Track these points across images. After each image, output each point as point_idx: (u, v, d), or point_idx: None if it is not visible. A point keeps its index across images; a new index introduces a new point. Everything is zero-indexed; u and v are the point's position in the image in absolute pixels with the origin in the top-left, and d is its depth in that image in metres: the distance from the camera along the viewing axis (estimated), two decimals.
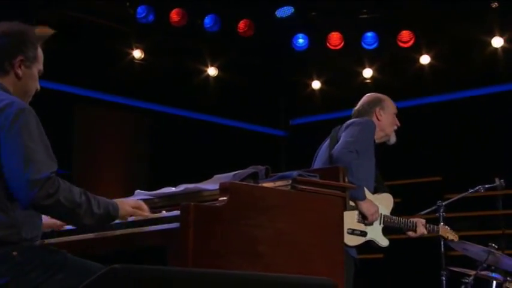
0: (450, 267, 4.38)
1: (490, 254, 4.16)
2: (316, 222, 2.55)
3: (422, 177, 7.17)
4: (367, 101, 3.88)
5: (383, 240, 3.68)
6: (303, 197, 2.53)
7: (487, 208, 5.27)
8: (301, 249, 2.45)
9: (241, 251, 2.26)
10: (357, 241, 3.55)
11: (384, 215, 3.66)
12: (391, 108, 3.86)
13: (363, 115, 3.81)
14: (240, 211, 2.29)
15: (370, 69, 7.23)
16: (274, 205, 2.42)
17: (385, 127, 3.82)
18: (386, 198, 3.73)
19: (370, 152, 3.63)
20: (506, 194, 5.16)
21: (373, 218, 3.53)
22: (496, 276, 4.25)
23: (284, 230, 2.41)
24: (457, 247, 4.48)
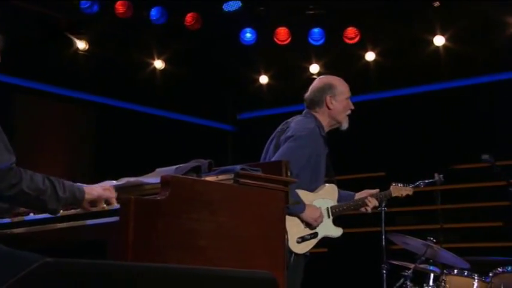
0: (390, 261, 4.48)
1: (429, 248, 4.29)
2: (258, 216, 2.57)
3: (367, 172, 7.30)
4: (318, 88, 3.76)
5: (336, 231, 3.71)
6: (245, 191, 2.54)
7: (427, 203, 5.42)
8: (243, 243, 2.47)
9: (182, 245, 2.26)
10: (310, 245, 3.58)
11: (331, 207, 3.67)
12: (343, 94, 3.73)
13: (314, 104, 3.74)
14: (181, 205, 2.29)
15: (317, 65, 7.32)
16: (216, 199, 2.43)
17: (336, 115, 3.72)
18: (330, 189, 3.72)
19: (313, 159, 3.56)
20: (445, 189, 5.34)
21: (318, 221, 3.54)
22: (434, 269, 4.38)
23: (226, 224, 2.42)
24: (398, 241, 4.59)
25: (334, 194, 3.73)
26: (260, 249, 2.52)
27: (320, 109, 3.73)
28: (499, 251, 5.54)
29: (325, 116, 3.73)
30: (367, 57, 7.08)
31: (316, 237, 3.58)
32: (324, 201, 3.65)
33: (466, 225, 6.68)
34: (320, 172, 3.66)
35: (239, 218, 2.49)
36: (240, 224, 2.48)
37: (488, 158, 4.38)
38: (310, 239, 3.55)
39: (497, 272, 3.97)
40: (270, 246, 2.58)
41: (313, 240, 3.57)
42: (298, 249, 3.48)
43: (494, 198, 6.06)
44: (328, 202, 3.67)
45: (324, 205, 3.64)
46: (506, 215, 4.38)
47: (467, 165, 6.50)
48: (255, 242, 2.51)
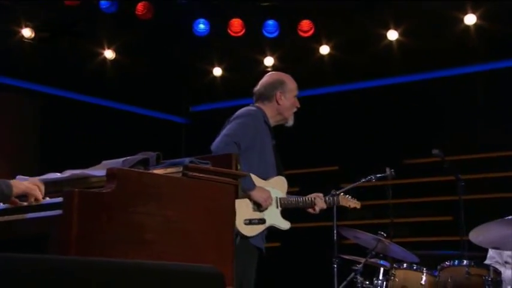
0: (341, 255, 4.54)
1: (379, 242, 4.37)
2: (207, 210, 2.57)
3: (320, 166, 7.38)
4: (268, 83, 3.88)
5: (283, 223, 3.76)
6: (194, 184, 2.54)
7: (378, 197, 5.51)
8: (191, 237, 2.47)
9: (128, 238, 2.24)
10: (256, 230, 3.60)
11: (280, 197, 3.74)
12: (292, 91, 3.87)
13: (263, 98, 3.85)
14: (127, 198, 2.27)
15: (271, 58, 7.34)
16: (163, 192, 2.41)
17: (284, 111, 3.84)
18: (280, 181, 3.79)
19: (258, 141, 3.66)
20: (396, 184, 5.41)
21: (267, 203, 3.59)
22: (384, 264, 4.47)
23: (173, 218, 2.41)
24: (349, 235, 4.66)
25: (283, 187, 3.81)
26: (208, 243, 2.52)
27: (269, 103, 3.85)
28: (448, 245, 5.69)
29: (273, 110, 3.84)
30: (322, 51, 7.14)
31: (263, 223, 3.62)
32: (273, 190, 3.71)
33: (417, 220, 6.83)
34: (268, 160, 3.73)
35: (187, 212, 2.48)
36: (188, 217, 2.48)
37: (439, 153, 4.48)
38: (257, 223, 3.59)
39: (444, 266, 4.07)
40: (219, 240, 2.59)
41: (261, 225, 3.61)
42: (245, 231, 3.52)
43: (444, 193, 6.20)
44: (277, 193, 3.74)
45: (273, 194, 3.69)
46: (455, 210, 4.48)
47: (418, 159, 6.64)
48: (203, 236, 2.51)
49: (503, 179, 5.15)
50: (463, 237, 4.28)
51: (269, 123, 3.82)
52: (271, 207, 3.67)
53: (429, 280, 4.12)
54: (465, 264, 3.98)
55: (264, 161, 3.71)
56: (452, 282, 3.97)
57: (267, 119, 3.82)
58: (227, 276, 2.47)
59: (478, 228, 3.91)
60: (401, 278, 4.21)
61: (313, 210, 3.94)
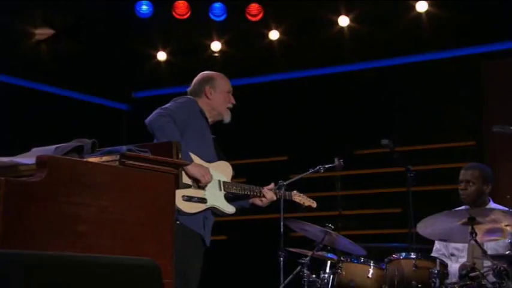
0: (288, 248, 4.59)
1: (327, 235, 4.44)
2: (145, 200, 2.55)
3: (269, 156, 7.43)
4: (198, 80, 4.01)
5: (228, 207, 3.78)
6: (131, 173, 2.51)
7: (326, 189, 5.59)
8: (128, 228, 2.44)
9: (60, 230, 2.21)
10: (196, 208, 3.61)
11: (224, 181, 3.77)
12: (222, 86, 3.98)
13: (195, 95, 3.95)
14: (59, 187, 2.23)
15: (219, 42, 7.33)
16: (99, 182, 2.38)
17: (216, 106, 3.94)
18: (223, 165, 3.84)
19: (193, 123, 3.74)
20: (345, 175, 5.53)
21: (205, 179, 3.61)
22: (331, 257, 4.54)
23: (109, 209, 2.39)
24: (296, 228, 4.72)
25: (228, 172, 3.86)
26: (146, 235, 2.51)
27: (200, 99, 3.96)
28: (397, 238, 5.82)
29: (206, 105, 3.95)
30: (271, 36, 7.17)
31: (204, 202, 3.64)
32: (215, 172, 3.74)
33: (365, 212, 6.95)
34: (207, 147, 3.74)
35: (124, 202, 2.46)
36: (124, 208, 2.45)
37: (388, 143, 4.57)
38: (197, 201, 3.60)
39: (391, 259, 4.16)
40: (158, 232, 2.57)
41: (201, 204, 3.63)
42: (183, 206, 3.53)
43: (393, 185, 6.34)
44: (220, 176, 3.77)
45: (215, 176, 3.72)
46: (404, 202, 4.58)
47: (368, 150, 6.75)
48: (141, 227, 2.49)
49: (453, 170, 5.28)
50: (411, 230, 4.38)
51: (206, 116, 3.90)
52: (213, 188, 3.69)
53: (376, 273, 4.22)
54: (412, 256, 4.08)
55: (203, 145, 3.76)
56: (399, 275, 4.07)
57: (204, 112, 3.91)
58: (166, 270, 2.47)
59: (426, 220, 4.00)
60: (348, 271, 4.29)
61: (261, 202, 3.95)
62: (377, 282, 4.20)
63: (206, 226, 3.71)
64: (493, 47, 6.51)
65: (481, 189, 4.58)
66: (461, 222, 3.92)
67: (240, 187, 3.86)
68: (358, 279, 4.25)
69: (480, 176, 4.60)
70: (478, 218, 3.87)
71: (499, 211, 3.98)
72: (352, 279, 4.26)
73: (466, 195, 4.60)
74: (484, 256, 3.88)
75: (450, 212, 4.09)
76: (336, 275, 4.32)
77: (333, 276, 4.34)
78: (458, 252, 4.58)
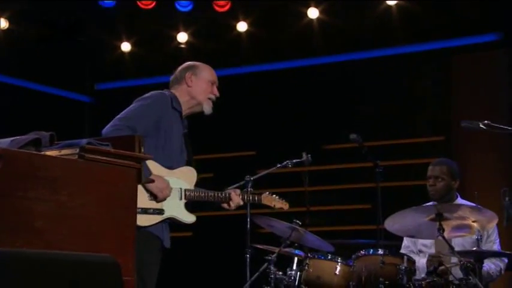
0: (255, 245, 4.60)
1: (294, 231, 4.46)
2: (105, 195, 2.54)
3: (237, 151, 7.44)
4: (181, 68, 3.89)
5: (187, 216, 3.71)
6: (91, 167, 2.50)
7: (294, 184, 5.61)
8: (87, 224, 2.43)
9: (16, 226, 2.19)
10: (152, 220, 3.55)
11: (185, 189, 3.68)
12: (205, 75, 3.86)
13: (175, 82, 3.84)
14: (14, 182, 2.21)
15: (185, 34, 7.30)
16: (57, 176, 2.36)
17: (196, 94, 3.81)
18: (187, 171, 3.74)
19: (162, 127, 3.61)
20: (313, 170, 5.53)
21: (163, 194, 3.54)
22: (299, 253, 4.57)
23: (68, 204, 2.37)
24: (263, 224, 4.73)
25: (191, 178, 3.75)
26: (107, 231, 2.49)
27: (179, 86, 3.83)
28: (366, 234, 5.88)
29: (184, 93, 3.81)
30: (239, 28, 7.17)
31: (161, 214, 3.57)
32: (178, 181, 3.66)
33: (334, 208, 7.02)
34: (174, 148, 3.68)
35: (84, 197, 2.44)
36: (84, 203, 2.44)
37: (356, 138, 4.61)
38: (153, 213, 3.54)
39: (359, 255, 4.20)
40: (118, 228, 2.56)
41: (157, 216, 3.56)
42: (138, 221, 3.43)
43: (362, 180, 6.40)
44: (182, 184, 3.68)
45: (176, 185, 3.65)
46: (374, 197, 4.63)
47: (335, 145, 6.81)
48: (101, 223, 2.48)
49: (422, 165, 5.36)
50: (379, 226, 4.43)
51: (180, 109, 3.78)
52: (172, 198, 3.61)
53: (343, 270, 4.25)
54: (380, 253, 4.13)
55: (169, 149, 3.64)
56: (366, 271, 4.11)
57: (178, 104, 3.78)
58: (126, 267, 2.47)
59: (394, 216, 4.05)
60: (316, 268, 4.32)
61: (228, 206, 3.92)
62: (344, 279, 4.23)
63: (165, 229, 3.66)
64: (462, 41, 6.61)
65: (450, 185, 4.66)
66: (429, 218, 3.98)
67: (203, 194, 3.77)
68: (325, 276, 4.28)
69: (448, 172, 4.67)
70: (445, 214, 3.94)
71: (467, 207, 4.05)
72: (319, 276, 4.29)
73: (435, 191, 4.66)
74: (451, 252, 3.94)
75: (418, 208, 4.15)
76: (302, 271, 4.35)
77: (300, 273, 4.37)
78: (426, 249, 4.65)
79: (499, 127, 3.94)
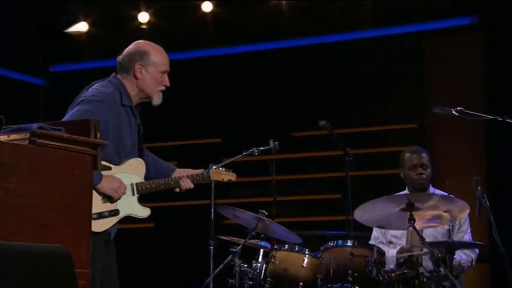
0: (219, 236, 4.61)
1: (260, 222, 4.47)
2: (59, 183, 2.52)
3: (201, 138, 7.43)
4: (130, 52, 3.73)
5: (142, 211, 3.68)
6: (43, 153, 2.49)
7: (261, 173, 5.62)
8: (39, 213, 2.42)
9: None
10: (108, 224, 3.51)
11: (136, 183, 3.65)
12: (157, 66, 3.71)
13: (123, 70, 3.70)
14: None
15: (146, 14, 7.25)
16: (5, 162, 2.35)
17: (145, 87, 3.70)
18: (136, 164, 3.69)
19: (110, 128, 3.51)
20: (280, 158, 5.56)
21: (118, 193, 3.51)
22: (265, 245, 4.59)
23: (17, 192, 2.36)
24: (228, 214, 4.74)
25: (141, 170, 3.71)
26: (60, 221, 2.48)
27: (128, 76, 3.70)
28: (336, 225, 5.92)
29: (133, 85, 3.70)
30: (204, 8, 7.13)
31: (117, 214, 3.55)
32: (127, 176, 3.62)
33: (302, 198, 7.06)
34: (124, 145, 3.61)
35: (35, 185, 2.43)
36: (35, 192, 2.43)
37: (326, 124, 4.62)
38: (109, 216, 3.51)
39: (327, 247, 4.24)
40: (73, 217, 2.55)
41: (114, 218, 3.54)
42: (94, 227, 3.37)
43: (332, 169, 6.45)
44: (133, 178, 3.64)
45: (127, 180, 3.62)
46: (344, 187, 4.67)
47: (304, 132, 6.84)
48: (53, 212, 2.47)
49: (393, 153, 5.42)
50: (349, 217, 4.46)
51: (130, 104, 3.68)
52: (126, 195, 3.59)
53: (311, 262, 4.29)
54: (349, 244, 4.17)
55: (118, 144, 3.57)
56: (335, 263, 4.15)
57: (127, 98, 3.67)
58: (80, 258, 2.46)
59: (363, 206, 4.09)
60: (282, 260, 4.35)
61: (179, 190, 3.91)
62: (312, 271, 4.27)
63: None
64: (434, 24, 6.66)
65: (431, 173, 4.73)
66: (399, 208, 4.02)
67: (154, 184, 3.73)
68: (292, 269, 4.31)
69: (430, 160, 4.75)
70: (417, 203, 3.99)
71: (438, 196, 4.11)
72: (286, 269, 4.32)
73: (425, 180, 4.70)
74: (422, 243, 4.00)
75: (388, 198, 4.19)
76: (268, 264, 4.37)
77: (266, 266, 4.39)
78: (397, 240, 4.70)
79: (472, 114, 4.00)
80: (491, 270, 6.14)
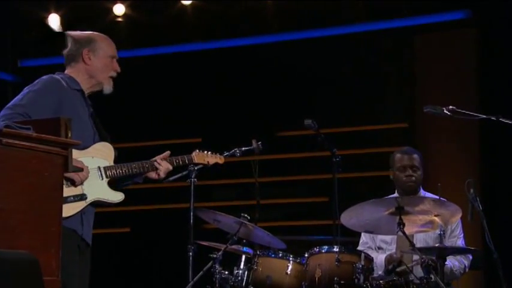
0: (199, 241, 4.60)
1: (242, 226, 4.47)
2: (27, 185, 2.52)
3: (181, 138, 7.41)
4: (75, 41, 3.80)
5: (113, 195, 3.69)
6: (10, 153, 2.48)
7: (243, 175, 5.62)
8: (5, 217, 2.41)
9: None
10: (75, 209, 3.51)
11: (105, 167, 3.67)
12: (105, 51, 3.79)
13: (71, 59, 3.78)
14: None
15: (122, 5, 7.23)
16: None
17: (95, 73, 3.76)
18: (103, 148, 3.71)
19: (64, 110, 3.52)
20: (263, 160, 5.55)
21: (81, 176, 3.52)
22: (247, 251, 4.58)
23: None
24: (208, 218, 4.73)
25: (108, 154, 3.73)
26: (27, 225, 2.47)
27: (76, 64, 3.78)
28: (322, 230, 5.94)
29: (82, 72, 3.77)
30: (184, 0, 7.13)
31: (83, 199, 3.55)
32: (93, 160, 3.64)
33: (286, 201, 7.06)
34: (85, 128, 3.65)
35: (0, 187, 2.42)
36: (1, 194, 2.42)
37: (312, 124, 4.63)
38: (74, 200, 3.51)
39: (313, 253, 4.23)
40: (41, 222, 2.54)
41: (80, 202, 3.54)
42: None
43: (317, 171, 6.46)
44: (100, 161, 3.67)
45: (93, 164, 3.63)
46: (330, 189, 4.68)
47: (289, 132, 6.85)
48: (21, 216, 2.46)
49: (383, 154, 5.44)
50: (336, 221, 4.47)
51: (80, 88, 3.74)
52: (92, 179, 3.59)
53: (295, 269, 4.28)
54: (335, 250, 4.17)
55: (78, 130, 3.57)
56: (320, 270, 4.14)
57: (76, 84, 3.73)
58: (49, 265, 2.45)
59: (351, 210, 4.09)
60: (265, 267, 4.34)
61: (157, 176, 3.89)
62: (296, 278, 4.26)
63: (85, 221, 3.62)
64: (426, 19, 6.69)
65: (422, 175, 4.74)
66: (388, 212, 4.03)
67: (126, 168, 3.73)
68: (275, 276, 4.30)
69: (422, 161, 4.76)
70: (406, 207, 4.00)
71: (429, 200, 4.12)
72: (269, 276, 4.31)
73: (415, 182, 4.70)
74: (412, 249, 4.01)
75: (377, 201, 4.18)
76: (251, 271, 4.36)
77: (248, 273, 4.38)
78: (386, 245, 4.71)
79: (464, 113, 4.01)
80: (484, 277, 6.17)
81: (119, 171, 3.71)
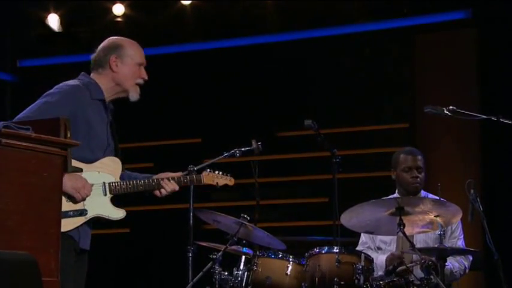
0: (198, 242, 4.60)
1: (242, 227, 4.47)
2: (26, 186, 2.52)
3: (180, 138, 7.42)
4: (103, 47, 3.77)
5: (115, 212, 3.65)
6: (9, 154, 2.48)
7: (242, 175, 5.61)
8: (4, 218, 2.41)
9: None
10: (73, 223, 3.49)
11: (109, 183, 3.64)
12: (133, 57, 3.76)
13: (98, 66, 3.74)
14: None
15: (121, 5, 7.24)
16: None
17: (122, 80, 3.73)
18: (110, 163, 3.68)
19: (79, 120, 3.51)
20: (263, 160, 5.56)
21: (80, 194, 3.49)
22: (247, 251, 4.58)
23: None
24: (208, 219, 4.73)
25: (116, 169, 3.70)
26: (26, 226, 2.48)
27: (103, 71, 3.74)
28: (321, 230, 5.94)
29: (108, 79, 3.73)
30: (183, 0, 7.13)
31: (83, 214, 3.52)
32: (100, 175, 3.61)
33: (286, 202, 7.06)
34: (98, 141, 3.62)
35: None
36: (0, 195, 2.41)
37: (311, 124, 4.63)
38: (73, 215, 3.48)
39: (313, 253, 4.23)
40: (41, 223, 2.55)
41: (79, 218, 3.51)
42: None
43: (317, 171, 6.46)
44: (105, 177, 3.63)
45: (98, 180, 3.59)
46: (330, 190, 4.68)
47: (289, 132, 6.84)
48: (20, 217, 2.46)
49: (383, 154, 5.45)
50: (336, 221, 4.47)
51: (102, 98, 3.70)
52: (95, 195, 3.56)
53: (295, 269, 4.28)
54: (335, 251, 4.17)
55: (90, 139, 3.56)
56: (320, 271, 4.14)
57: (100, 92, 3.70)
58: (48, 266, 2.45)
59: (351, 211, 4.09)
60: (265, 268, 4.33)
61: (160, 194, 3.88)
62: (296, 279, 4.26)
63: (82, 232, 3.59)
64: (427, 18, 6.69)
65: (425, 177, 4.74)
66: (388, 212, 4.03)
67: (131, 185, 3.70)
68: (275, 277, 4.30)
69: (424, 163, 4.76)
70: (407, 208, 3.99)
71: (430, 200, 4.12)
72: (269, 277, 4.31)
73: (420, 184, 4.70)
74: (412, 249, 4.01)
75: (377, 202, 4.19)
76: (251, 271, 4.36)
77: (248, 273, 4.38)
78: (386, 246, 4.71)
79: (465, 113, 4.01)
80: (484, 278, 6.17)
81: (124, 187, 3.68)
